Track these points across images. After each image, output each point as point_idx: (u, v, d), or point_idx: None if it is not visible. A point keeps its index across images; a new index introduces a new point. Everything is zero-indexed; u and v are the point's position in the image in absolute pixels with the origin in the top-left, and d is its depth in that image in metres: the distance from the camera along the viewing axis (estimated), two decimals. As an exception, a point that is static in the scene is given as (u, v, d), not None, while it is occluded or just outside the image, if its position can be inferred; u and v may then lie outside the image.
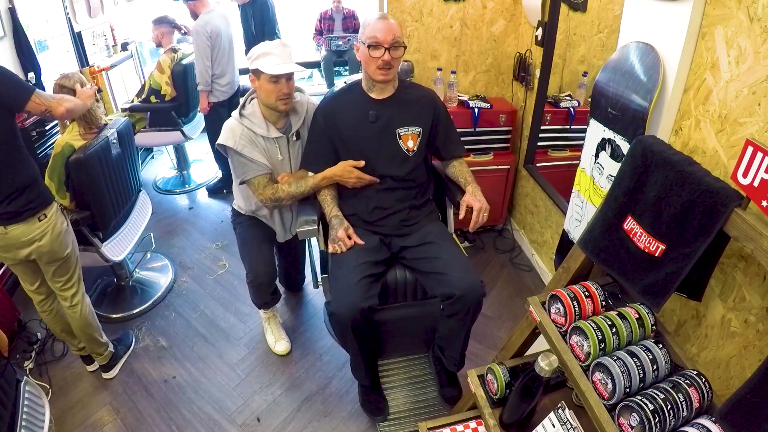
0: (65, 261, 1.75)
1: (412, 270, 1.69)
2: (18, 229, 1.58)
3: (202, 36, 2.86)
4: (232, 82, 3.14)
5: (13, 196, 1.54)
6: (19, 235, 1.59)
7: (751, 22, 0.98)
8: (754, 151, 0.82)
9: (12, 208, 1.54)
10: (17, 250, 1.63)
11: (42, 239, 1.64)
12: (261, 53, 1.63)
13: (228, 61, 3.07)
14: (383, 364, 1.93)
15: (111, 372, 2.05)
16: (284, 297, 2.45)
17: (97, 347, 1.97)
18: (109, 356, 2.02)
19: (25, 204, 1.57)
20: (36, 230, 1.61)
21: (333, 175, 1.70)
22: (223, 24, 3.00)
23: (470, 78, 2.70)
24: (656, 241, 0.98)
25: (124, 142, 2.16)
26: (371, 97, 1.67)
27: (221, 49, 2.97)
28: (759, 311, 1.03)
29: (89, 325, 1.91)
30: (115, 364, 2.06)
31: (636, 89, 1.23)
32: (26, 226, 1.59)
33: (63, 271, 1.77)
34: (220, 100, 3.11)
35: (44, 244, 1.65)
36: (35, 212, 1.60)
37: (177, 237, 2.99)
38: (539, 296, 1.21)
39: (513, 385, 1.22)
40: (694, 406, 0.91)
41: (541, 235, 2.53)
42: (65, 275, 1.79)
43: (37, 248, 1.64)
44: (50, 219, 1.65)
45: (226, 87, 3.10)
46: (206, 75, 2.95)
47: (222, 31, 2.96)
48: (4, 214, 1.54)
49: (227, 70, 3.07)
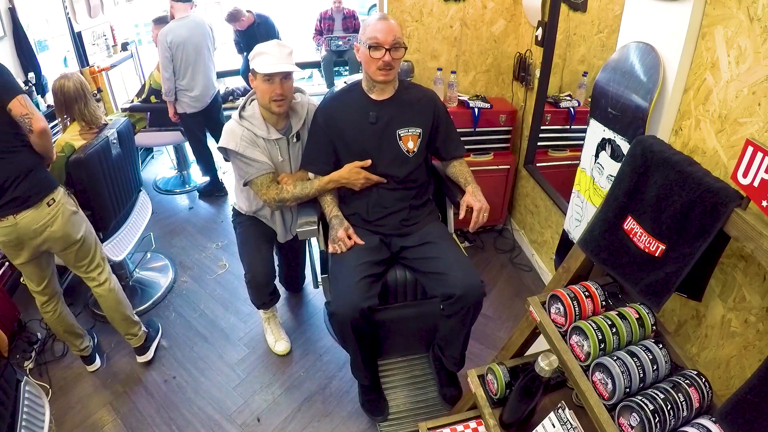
0: (82, 243, 1.78)
1: (412, 270, 1.69)
2: (28, 217, 1.60)
3: (161, 46, 2.78)
4: (202, 95, 3.01)
5: (19, 179, 1.56)
6: (30, 222, 1.61)
7: (751, 22, 0.98)
8: (754, 151, 0.82)
9: (18, 193, 1.57)
10: (31, 241, 1.65)
11: (54, 224, 1.66)
12: (257, 53, 1.63)
13: (195, 73, 2.93)
14: (383, 364, 1.93)
15: (146, 355, 2.08)
16: (284, 297, 2.45)
17: (131, 327, 2.00)
18: (143, 337, 2.05)
19: (31, 188, 1.59)
20: (46, 216, 1.64)
21: (340, 177, 1.69)
22: (191, 33, 2.86)
23: (470, 78, 2.70)
24: (656, 241, 0.98)
25: (124, 142, 2.16)
26: (371, 98, 1.67)
27: (185, 61, 2.85)
28: (759, 311, 1.03)
29: (120, 303, 1.94)
30: (149, 346, 2.09)
31: (636, 89, 1.23)
32: (36, 212, 1.61)
33: (83, 254, 1.81)
34: (190, 112, 3.02)
35: (57, 229, 1.67)
36: (42, 197, 1.62)
37: (177, 237, 2.99)
38: (539, 296, 1.21)
39: (513, 385, 1.21)
40: (694, 406, 0.91)
41: (541, 235, 2.53)
42: (87, 257, 1.83)
43: (50, 234, 1.66)
44: (59, 203, 1.67)
45: (195, 100, 2.99)
46: (166, 86, 2.87)
47: (187, 42, 2.83)
48: (13, 201, 1.56)
49: (196, 82, 2.94)
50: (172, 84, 2.89)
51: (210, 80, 3.06)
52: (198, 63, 2.92)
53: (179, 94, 2.95)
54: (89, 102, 2.01)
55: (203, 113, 3.09)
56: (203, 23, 2.98)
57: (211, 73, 3.07)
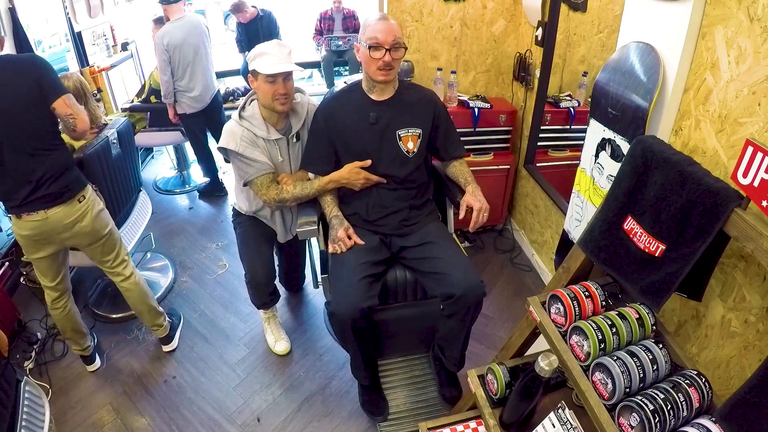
0: (108, 238, 1.84)
1: (412, 270, 1.69)
2: (59, 213, 1.64)
3: (158, 48, 2.78)
4: (202, 95, 3.01)
5: (54, 177, 1.60)
6: (61, 218, 1.65)
7: (751, 22, 0.98)
8: (754, 151, 0.82)
9: (53, 189, 1.61)
10: (58, 236, 1.68)
11: (84, 220, 1.71)
12: (258, 53, 1.63)
13: (194, 74, 2.92)
14: (383, 364, 1.93)
15: (172, 344, 2.14)
16: (284, 297, 2.45)
17: (156, 318, 2.05)
18: (168, 327, 2.10)
19: (65, 185, 1.64)
20: (77, 212, 1.68)
21: (340, 178, 1.69)
22: (187, 34, 2.84)
23: (470, 78, 2.70)
24: (656, 241, 0.98)
25: (124, 142, 2.16)
26: (371, 98, 1.67)
27: (182, 62, 2.85)
28: (759, 311, 1.03)
29: (147, 295, 2.00)
30: (173, 335, 2.15)
31: (636, 89, 1.23)
32: (67, 208, 1.65)
33: (109, 248, 1.86)
34: (189, 113, 3.01)
35: (86, 224, 1.72)
36: (74, 194, 1.67)
37: (177, 237, 2.99)
38: (539, 296, 1.21)
39: (513, 385, 1.21)
40: (694, 406, 0.91)
41: (541, 235, 2.53)
42: (113, 252, 1.88)
43: (80, 230, 1.71)
44: (89, 200, 1.73)
45: (195, 101, 2.98)
46: (165, 88, 2.88)
47: (184, 43, 2.82)
48: (46, 196, 1.60)
49: (196, 83, 2.94)
50: (171, 86, 2.89)
51: (209, 80, 3.06)
52: (196, 63, 2.92)
53: (178, 95, 2.95)
54: (89, 102, 2.01)
55: (203, 113, 3.08)
56: (199, 23, 2.97)
57: (210, 73, 3.06)
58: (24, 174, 1.56)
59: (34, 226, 1.62)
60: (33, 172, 1.56)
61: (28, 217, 1.60)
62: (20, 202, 1.58)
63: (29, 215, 1.60)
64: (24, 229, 1.63)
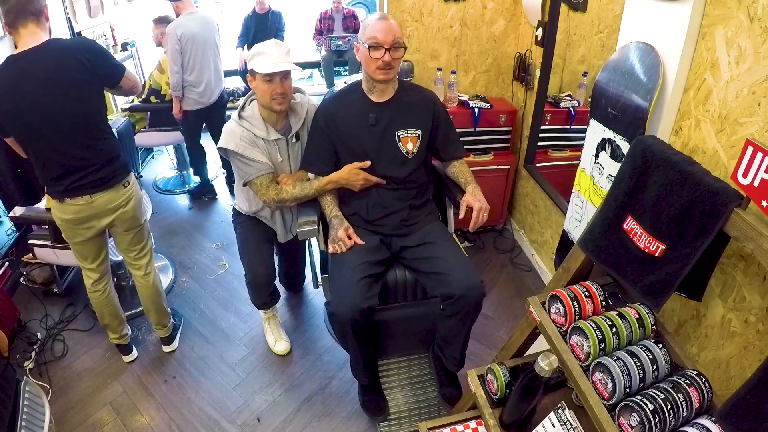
0: (142, 228, 1.86)
1: (412, 270, 1.69)
2: (104, 197, 1.66)
3: (171, 39, 2.77)
4: (208, 91, 2.98)
5: (103, 164, 1.62)
6: (106, 202, 1.67)
7: (751, 22, 0.98)
8: (754, 151, 0.82)
9: (101, 175, 1.63)
10: (99, 220, 1.70)
11: (127, 205, 1.73)
12: (256, 53, 1.63)
13: (203, 68, 2.91)
14: (383, 364, 1.93)
15: (173, 344, 2.14)
16: (284, 297, 2.45)
17: (164, 318, 2.06)
18: (171, 327, 2.12)
19: (113, 171, 1.66)
20: (122, 197, 1.71)
21: (339, 178, 1.69)
22: (200, 28, 2.85)
23: (470, 78, 2.70)
24: (656, 241, 0.98)
25: (124, 142, 2.16)
26: (371, 99, 1.67)
27: (194, 55, 2.85)
28: (759, 311, 1.03)
29: (159, 294, 2.00)
30: (175, 335, 2.16)
31: (636, 89, 1.23)
32: (113, 193, 1.68)
33: (139, 238, 1.87)
34: (194, 110, 3.00)
35: (129, 210, 1.74)
36: (121, 179, 1.69)
37: (177, 237, 2.99)
38: (539, 296, 1.21)
39: (513, 385, 1.21)
40: (694, 406, 0.91)
41: (541, 235, 2.53)
42: (141, 242, 1.89)
43: (122, 214, 1.73)
44: (132, 185, 1.75)
45: (201, 95, 2.96)
46: (174, 80, 2.87)
47: (197, 36, 2.82)
48: (95, 181, 1.62)
49: (203, 77, 2.92)
50: (180, 77, 2.88)
51: (217, 76, 3.05)
52: (206, 58, 2.92)
53: (185, 90, 2.95)
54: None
55: (206, 112, 3.07)
56: (212, 20, 2.99)
57: (218, 70, 3.07)
58: (75, 162, 1.57)
59: (78, 210, 1.63)
60: (84, 159, 1.58)
61: (72, 201, 1.61)
62: (67, 187, 1.59)
63: (74, 199, 1.61)
64: (67, 213, 1.64)
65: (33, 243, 2.13)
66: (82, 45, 1.57)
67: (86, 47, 1.55)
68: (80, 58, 1.49)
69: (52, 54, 1.47)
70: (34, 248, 2.14)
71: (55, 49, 1.48)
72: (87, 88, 1.53)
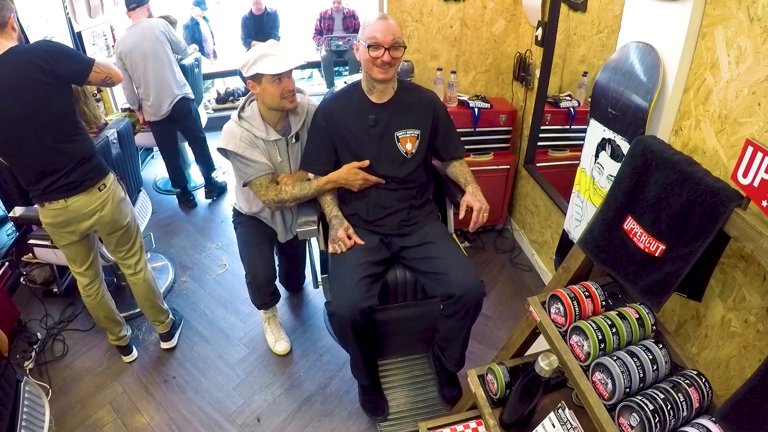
0: (126, 230, 1.84)
1: (412, 270, 1.69)
2: (79, 201, 1.64)
3: (115, 56, 2.74)
4: (157, 104, 2.83)
5: (73, 167, 1.61)
6: (81, 206, 1.65)
7: (751, 22, 0.98)
8: (754, 151, 0.82)
9: (73, 178, 1.61)
10: (78, 224, 1.69)
11: (104, 209, 1.71)
12: (258, 57, 1.60)
13: (147, 81, 2.77)
14: (383, 364, 1.93)
15: (171, 341, 2.14)
16: (284, 297, 2.45)
17: (160, 315, 2.06)
18: (169, 324, 2.11)
19: (84, 174, 1.64)
20: (97, 200, 1.68)
21: (338, 178, 1.69)
22: (138, 41, 2.71)
23: (470, 78, 2.70)
24: (656, 241, 0.98)
25: (124, 142, 2.16)
26: (371, 100, 1.67)
27: (135, 69, 2.75)
28: (759, 311, 1.03)
29: (152, 292, 2.00)
30: (174, 333, 2.16)
31: (636, 89, 1.23)
32: (87, 197, 1.66)
33: (125, 240, 1.86)
34: (152, 120, 2.92)
35: (106, 214, 1.72)
36: (94, 182, 1.67)
37: (177, 237, 2.99)
38: (539, 296, 1.21)
39: (513, 385, 1.21)
40: (694, 406, 0.91)
41: (541, 235, 2.53)
42: (127, 244, 1.88)
43: (99, 219, 1.71)
44: (109, 188, 1.72)
45: (152, 108, 2.85)
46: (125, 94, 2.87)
47: (134, 50, 2.70)
48: (68, 184, 1.61)
49: (149, 91, 2.80)
50: (132, 92, 2.85)
51: (163, 88, 2.83)
52: (148, 71, 2.76)
53: (142, 102, 2.89)
54: (89, 101, 2.01)
55: (170, 121, 2.96)
56: (153, 27, 2.78)
57: (165, 81, 2.83)
58: (46, 166, 1.57)
59: (55, 214, 1.64)
60: (54, 163, 1.58)
61: (50, 205, 1.62)
62: (42, 191, 1.60)
63: (51, 204, 1.62)
64: (47, 217, 1.66)
65: (33, 243, 2.13)
66: (39, 48, 1.53)
67: (44, 50, 1.51)
68: (37, 62, 1.46)
69: (10, 62, 1.45)
70: (34, 248, 2.14)
71: (13, 57, 1.46)
72: (47, 91, 1.49)
